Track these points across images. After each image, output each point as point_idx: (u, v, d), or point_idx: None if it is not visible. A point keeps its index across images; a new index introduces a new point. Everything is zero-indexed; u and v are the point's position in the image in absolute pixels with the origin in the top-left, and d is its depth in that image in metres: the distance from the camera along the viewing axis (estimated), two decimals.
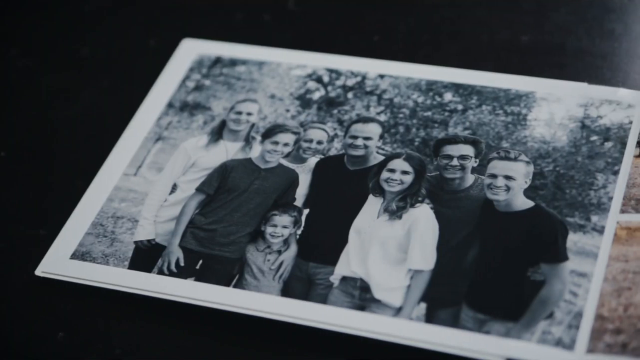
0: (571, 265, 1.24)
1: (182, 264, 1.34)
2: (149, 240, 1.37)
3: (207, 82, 1.53)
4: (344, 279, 1.30)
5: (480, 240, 1.29)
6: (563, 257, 1.25)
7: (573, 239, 1.27)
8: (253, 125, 1.46)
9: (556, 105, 1.42)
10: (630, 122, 1.37)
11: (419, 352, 1.21)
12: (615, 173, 1.32)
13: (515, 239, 1.27)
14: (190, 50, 1.57)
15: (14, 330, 1.30)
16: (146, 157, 1.45)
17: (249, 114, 1.47)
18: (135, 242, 1.37)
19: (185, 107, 1.51)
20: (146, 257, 1.35)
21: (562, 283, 1.23)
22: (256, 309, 1.26)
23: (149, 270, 1.33)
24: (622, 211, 1.28)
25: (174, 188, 1.41)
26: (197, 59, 1.56)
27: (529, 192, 1.31)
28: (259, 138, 1.44)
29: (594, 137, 1.37)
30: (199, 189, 1.39)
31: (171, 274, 1.33)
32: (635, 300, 1.19)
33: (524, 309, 1.22)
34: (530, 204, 1.30)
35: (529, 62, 1.51)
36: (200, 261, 1.35)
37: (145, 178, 1.43)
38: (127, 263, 1.34)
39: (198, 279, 1.32)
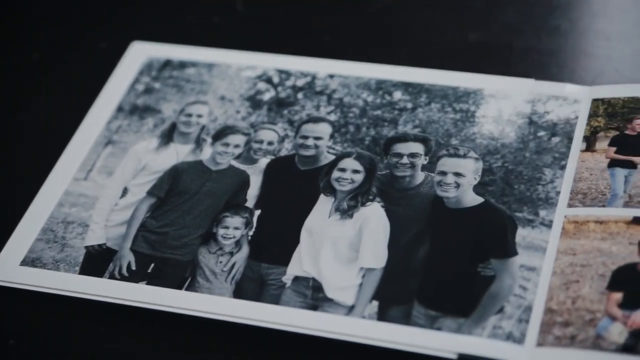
0: (520, 260, 1.26)
1: (133, 267, 1.33)
2: (99, 245, 1.36)
3: (156, 85, 1.53)
4: (296, 279, 1.30)
5: (430, 237, 1.30)
6: (512, 252, 1.26)
7: (522, 234, 1.28)
8: (203, 127, 1.46)
9: (504, 102, 1.43)
10: (577, 117, 1.38)
11: (371, 350, 1.21)
12: (563, 168, 1.34)
13: (465, 235, 1.29)
14: (140, 53, 1.57)
15: None
16: (96, 161, 1.45)
17: (199, 116, 1.47)
18: (86, 247, 1.36)
19: (135, 110, 1.50)
20: (97, 261, 1.34)
21: (512, 278, 1.24)
22: (209, 311, 1.26)
23: (100, 275, 1.32)
24: (570, 205, 1.29)
25: (125, 192, 1.41)
26: (146, 62, 1.56)
27: (478, 189, 1.32)
28: (209, 140, 1.44)
29: (541, 133, 1.39)
30: (149, 192, 1.39)
31: (123, 278, 1.32)
32: (583, 293, 1.20)
33: (475, 305, 1.23)
34: (479, 200, 1.31)
35: (477, 60, 1.53)
36: (152, 264, 1.34)
37: (96, 182, 1.43)
38: (78, 268, 1.33)
39: (150, 283, 1.31)
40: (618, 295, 1.19)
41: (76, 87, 1.57)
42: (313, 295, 1.28)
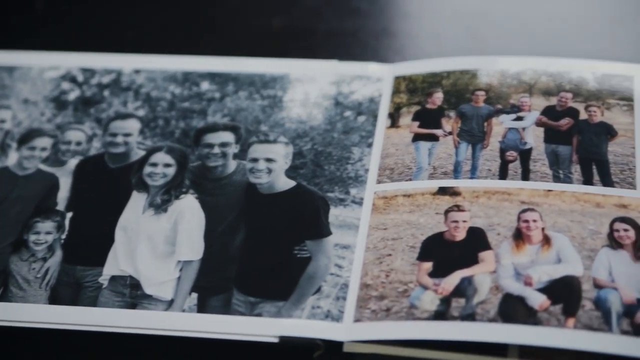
0: (335, 239, 1.28)
1: None
2: None
3: None
4: (113, 278, 1.28)
5: (245, 224, 1.31)
6: (326, 232, 1.28)
7: (335, 213, 1.30)
8: (7, 132, 1.42)
9: (310, 85, 1.45)
10: (380, 95, 1.42)
11: (193, 342, 1.21)
12: (370, 145, 1.37)
13: (280, 220, 1.30)
14: None
15: None
16: None
17: (1, 121, 1.43)
18: None
19: None
20: None
21: (327, 257, 1.26)
22: (24, 319, 1.23)
23: None
24: (379, 181, 1.32)
25: None
26: None
27: (290, 172, 1.33)
28: (14, 145, 1.40)
29: (347, 113, 1.41)
30: None
31: None
32: (395, 266, 1.23)
33: (293, 287, 1.24)
34: (292, 183, 1.32)
35: (281, 45, 1.54)
36: None
37: None
38: None
39: None
40: (428, 265, 1.23)
41: None
42: (131, 293, 1.27)
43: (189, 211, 1.31)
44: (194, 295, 1.27)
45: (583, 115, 1.35)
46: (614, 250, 1.21)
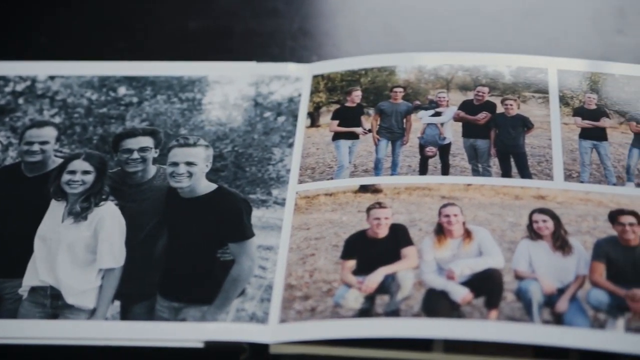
0: (258, 241, 1.27)
1: None
2: None
3: None
4: (33, 289, 1.26)
5: (167, 229, 1.29)
6: (249, 234, 1.28)
7: (257, 215, 1.30)
8: None
9: (229, 87, 1.44)
10: (300, 95, 1.41)
11: (117, 351, 1.20)
12: (291, 145, 1.37)
13: (202, 223, 1.29)
14: None
15: None
16: None
17: None
18: None
19: None
20: None
21: (251, 259, 1.26)
22: None
23: None
24: (300, 181, 1.32)
25: None
26: None
27: (211, 175, 1.32)
28: None
29: (267, 114, 1.41)
30: None
31: None
32: (319, 265, 1.23)
33: (217, 291, 1.24)
34: (213, 186, 1.31)
35: (199, 47, 1.53)
36: None
37: None
38: None
39: None
40: (351, 263, 1.23)
41: None
42: (52, 303, 1.25)
43: (109, 218, 1.29)
44: (117, 303, 1.25)
45: (500, 109, 1.37)
46: (534, 241, 1.23)
